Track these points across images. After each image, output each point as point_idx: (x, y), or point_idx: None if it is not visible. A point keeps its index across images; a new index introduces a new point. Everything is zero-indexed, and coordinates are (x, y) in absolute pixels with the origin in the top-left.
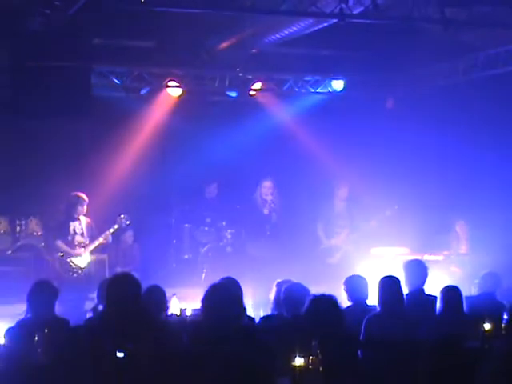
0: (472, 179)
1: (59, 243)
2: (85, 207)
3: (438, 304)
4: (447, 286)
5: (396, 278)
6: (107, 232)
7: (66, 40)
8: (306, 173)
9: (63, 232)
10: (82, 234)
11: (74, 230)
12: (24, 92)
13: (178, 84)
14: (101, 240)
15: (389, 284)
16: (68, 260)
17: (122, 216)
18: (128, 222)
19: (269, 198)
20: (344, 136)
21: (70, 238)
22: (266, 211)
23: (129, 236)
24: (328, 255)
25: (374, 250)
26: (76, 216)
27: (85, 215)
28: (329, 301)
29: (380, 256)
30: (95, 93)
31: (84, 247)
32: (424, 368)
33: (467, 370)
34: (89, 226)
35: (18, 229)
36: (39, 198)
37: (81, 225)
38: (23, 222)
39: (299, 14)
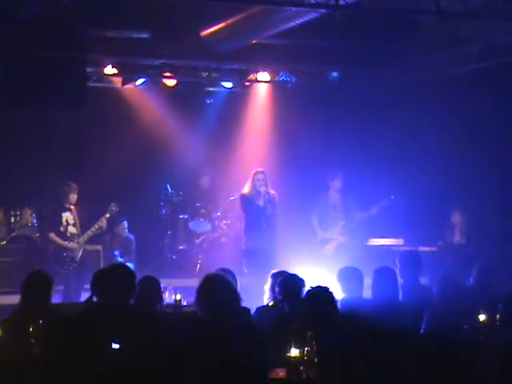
0: (468, 169)
1: (52, 235)
2: (75, 195)
3: (434, 295)
4: (443, 277)
5: (391, 269)
6: (99, 221)
7: (61, 30)
8: (300, 164)
9: (55, 223)
10: (74, 225)
11: (67, 221)
12: (18, 82)
13: (173, 75)
14: (94, 230)
15: (384, 275)
16: (61, 251)
17: (112, 204)
18: (117, 209)
19: (262, 189)
20: (339, 127)
21: (62, 229)
22: (260, 203)
23: (123, 227)
24: (323, 247)
25: (370, 241)
26: (67, 206)
27: (76, 204)
28: (324, 292)
29: (375, 247)
30: (90, 83)
31: (77, 238)
32: (419, 359)
33: (462, 361)
34: (81, 216)
35: (12, 219)
36: (34, 188)
37: (73, 215)
38: (18, 213)
39: (294, 4)
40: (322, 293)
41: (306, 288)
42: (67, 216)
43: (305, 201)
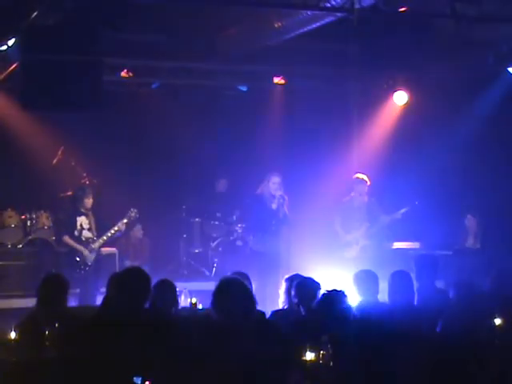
0: (482, 173)
1: (66, 238)
2: (91, 200)
3: (450, 299)
4: (459, 281)
5: (407, 273)
6: (116, 227)
7: (77, 34)
8: (320, 166)
9: (70, 227)
10: (89, 229)
11: (81, 225)
12: (34, 86)
13: (189, 77)
14: (109, 235)
15: (400, 278)
16: (74, 255)
17: (132, 210)
18: (137, 216)
19: (278, 193)
20: (358, 130)
21: (76, 233)
22: (274, 206)
23: (138, 230)
24: (346, 249)
25: (394, 245)
26: (83, 210)
27: (92, 209)
28: (339, 295)
29: (392, 250)
30: (106, 87)
31: (92, 243)
32: (434, 362)
33: (478, 365)
34: (96, 220)
35: (28, 223)
36: (49, 191)
37: (88, 219)
38: (34, 216)
39: (310, 7)
40: (337, 296)
41: (322, 291)
42: (82, 220)
43: (328, 204)
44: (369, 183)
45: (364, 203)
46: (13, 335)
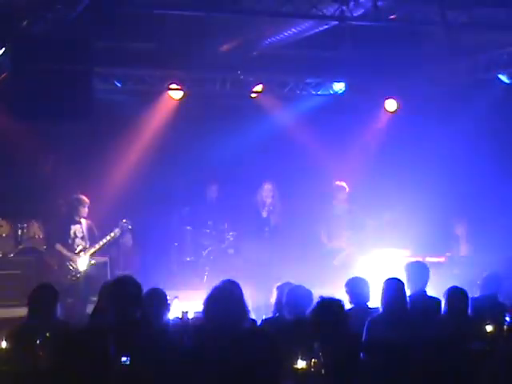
0: (472, 180)
1: (58, 246)
2: (86, 209)
3: (443, 306)
4: (452, 288)
5: (399, 280)
6: (108, 236)
7: (67, 43)
8: (306, 175)
9: (63, 235)
10: (82, 238)
11: (75, 234)
12: (24, 95)
13: (179, 86)
14: (101, 244)
15: (392, 286)
16: (67, 264)
17: (124, 220)
18: (130, 227)
19: (268, 200)
20: (345, 138)
21: (70, 241)
22: (264, 214)
23: (128, 239)
24: (331, 257)
25: (376, 252)
26: (77, 219)
27: (86, 217)
28: (337, 304)
29: (382, 258)
30: (96, 96)
31: (84, 251)
32: (427, 370)
33: (470, 372)
34: (90, 229)
35: (19, 232)
36: (41, 201)
37: (82, 228)
38: (25, 226)
39: (300, 16)
40: (333, 304)
41: (316, 299)
42: (76, 229)
43: (311, 211)
44: (347, 190)
45: (345, 210)
46: (3, 344)
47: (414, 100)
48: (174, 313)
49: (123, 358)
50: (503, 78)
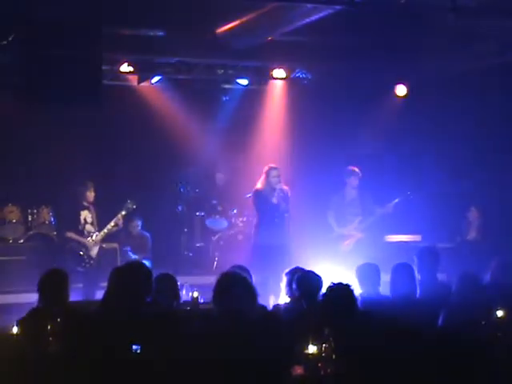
0: (484, 166)
1: (70, 233)
2: (92, 193)
3: (452, 291)
4: (461, 273)
5: (409, 265)
6: (115, 219)
7: (77, 28)
8: (316, 161)
9: (74, 222)
10: (92, 223)
11: (85, 220)
12: (35, 81)
13: (188, 73)
14: (109, 227)
15: (402, 271)
16: (79, 249)
17: (129, 201)
18: (134, 207)
19: (278, 186)
20: (354, 124)
21: (80, 227)
22: (274, 200)
23: (137, 224)
24: (340, 243)
25: (387, 238)
26: (85, 204)
27: (93, 203)
28: (345, 289)
29: (393, 243)
30: (105, 82)
31: (94, 236)
32: (436, 355)
33: (479, 357)
34: (97, 214)
35: (29, 218)
36: (51, 186)
37: (91, 213)
38: (35, 211)
39: (308, 0)
40: (343, 289)
41: (326, 284)
42: (85, 214)
43: (321, 198)
44: (360, 175)
45: (356, 196)
46: (15, 330)
47: (425, 85)
48: (184, 298)
49: (134, 347)
50: None
